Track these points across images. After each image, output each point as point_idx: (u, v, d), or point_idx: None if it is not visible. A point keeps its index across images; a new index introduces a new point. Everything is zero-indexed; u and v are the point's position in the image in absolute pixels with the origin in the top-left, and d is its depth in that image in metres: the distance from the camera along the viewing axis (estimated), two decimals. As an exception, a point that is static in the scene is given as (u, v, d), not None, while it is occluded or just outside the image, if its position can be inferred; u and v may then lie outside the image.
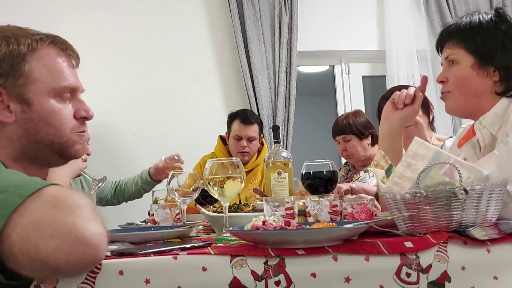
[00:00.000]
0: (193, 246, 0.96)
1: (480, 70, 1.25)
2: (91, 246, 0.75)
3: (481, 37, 1.25)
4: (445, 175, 0.96)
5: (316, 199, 1.22)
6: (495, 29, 1.25)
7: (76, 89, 1.04)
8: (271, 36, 3.42)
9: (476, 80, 1.25)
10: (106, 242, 0.79)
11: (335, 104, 3.82)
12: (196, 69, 3.41)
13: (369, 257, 0.89)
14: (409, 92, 1.37)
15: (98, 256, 0.78)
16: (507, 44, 1.23)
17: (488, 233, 0.93)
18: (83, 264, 0.77)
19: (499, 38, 1.24)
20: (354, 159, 2.50)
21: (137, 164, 3.12)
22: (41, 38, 1.00)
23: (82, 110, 1.04)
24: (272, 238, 0.91)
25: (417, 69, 3.57)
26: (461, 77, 1.27)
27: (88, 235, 0.75)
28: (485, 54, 1.24)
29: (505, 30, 1.25)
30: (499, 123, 1.22)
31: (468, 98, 1.27)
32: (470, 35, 1.26)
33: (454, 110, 1.33)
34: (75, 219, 0.76)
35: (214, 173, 1.18)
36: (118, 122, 3.09)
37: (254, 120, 2.79)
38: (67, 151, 1.03)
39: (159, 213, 1.48)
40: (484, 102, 1.26)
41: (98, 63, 3.21)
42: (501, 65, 1.23)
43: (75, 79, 1.04)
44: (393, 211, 1.02)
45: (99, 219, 0.80)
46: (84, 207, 0.79)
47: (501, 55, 1.23)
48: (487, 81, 1.25)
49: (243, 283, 0.85)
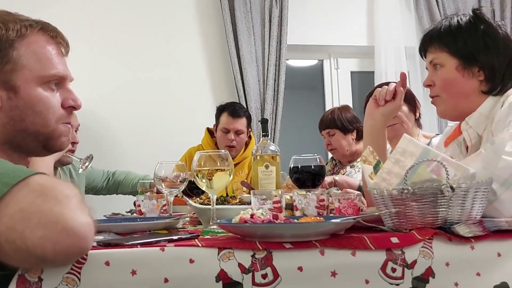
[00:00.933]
0: (181, 238, 0.95)
1: (465, 71, 1.26)
2: (78, 236, 0.74)
3: (462, 39, 1.27)
4: (432, 172, 0.97)
5: (303, 193, 1.23)
6: (474, 29, 1.27)
7: (64, 78, 1.02)
8: (261, 29, 3.41)
9: (462, 82, 1.27)
10: (93, 232, 0.78)
11: (323, 98, 3.83)
12: (185, 60, 3.39)
13: (356, 252, 0.90)
14: (389, 88, 1.39)
15: (85, 246, 0.77)
16: (488, 43, 1.25)
17: (473, 230, 0.95)
18: (70, 254, 0.76)
19: (479, 38, 1.26)
20: (339, 153, 2.52)
21: (125, 155, 3.11)
22: (30, 25, 0.98)
23: (70, 99, 1.02)
24: (260, 232, 0.91)
25: (405, 66, 3.59)
26: (447, 80, 1.29)
27: (75, 225, 0.74)
28: (468, 55, 1.26)
29: (484, 29, 1.26)
30: (484, 123, 1.24)
31: (456, 100, 1.29)
32: (451, 38, 1.28)
33: (445, 114, 1.35)
34: (63, 209, 0.75)
35: (203, 165, 1.18)
36: (106, 113, 3.06)
37: (242, 113, 2.78)
38: (52, 143, 1.00)
39: (146, 204, 1.47)
40: (473, 103, 1.27)
41: (87, 53, 3.16)
42: (485, 65, 1.25)
43: (64, 67, 1.02)
44: (380, 207, 1.03)
45: (86, 209, 0.79)
46: (72, 197, 0.77)
47: (484, 54, 1.25)
48: (473, 81, 1.26)
49: (230, 276, 0.85)
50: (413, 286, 0.90)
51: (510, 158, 1.04)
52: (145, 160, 2.32)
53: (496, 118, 1.20)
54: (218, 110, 2.83)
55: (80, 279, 0.79)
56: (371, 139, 1.40)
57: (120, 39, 3.28)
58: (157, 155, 1.95)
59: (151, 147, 3.15)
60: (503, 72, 1.25)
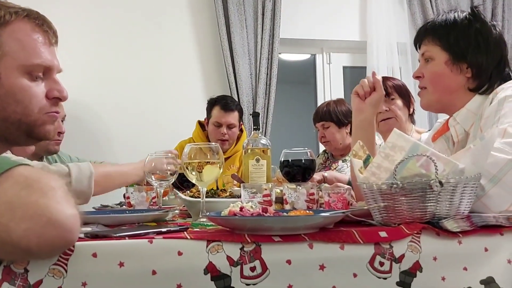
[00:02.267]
0: (169, 230, 0.95)
1: (453, 66, 1.28)
2: (64, 228, 0.74)
3: (455, 35, 1.29)
4: (422, 167, 0.97)
5: (293, 187, 1.23)
6: (468, 27, 1.29)
7: (50, 68, 0.99)
8: (253, 22, 3.39)
9: (450, 77, 1.29)
10: (79, 224, 0.77)
11: (315, 93, 3.83)
12: (177, 53, 3.36)
13: (344, 246, 0.90)
14: (369, 80, 1.42)
15: (71, 238, 0.76)
16: (480, 42, 1.27)
17: (460, 225, 0.95)
18: (56, 247, 0.75)
19: (472, 36, 1.28)
20: (332, 146, 2.52)
21: (115, 147, 3.09)
22: (16, 12, 0.95)
23: (55, 90, 0.99)
24: (249, 224, 0.91)
25: (397, 62, 3.60)
26: (435, 73, 1.31)
27: (61, 217, 0.73)
28: (458, 51, 1.28)
29: (478, 28, 1.28)
30: (472, 120, 1.26)
31: (441, 94, 1.32)
32: (445, 32, 1.30)
33: (428, 106, 1.38)
34: (48, 201, 0.74)
35: (193, 157, 1.17)
36: (96, 105, 3.04)
37: (234, 107, 2.77)
38: (36, 131, 0.98)
39: (135, 196, 1.46)
40: (457, 99, 1.30)
41: (78, 45, 3.13)
42: (473, 63, 1.27)
43: (51, 57, 0.99)
44: (369, 201, 1.03)
45: (72, 200, 0.78)
46: (57, 188, 0.76)
47: (474, 53, 1.27)
48: (460, 77, 1.28)
49: (218, 268, 0.85)
50: (401, 280, 0.91)
51: (498, 154, 1.04)
52: (135, 152, 2.30)
53: (485, 114, 1.21)
54: (210, 103, 2.82)
55: (67, 270, 0.79)
56: (361, 133, 1.41)
57: (111, 31, 3.25)
58: (147, 148, 1.94)
59: (141, 140, 3.14)
60: (490, 71, 1.27)
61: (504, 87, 1.23)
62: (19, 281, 0.76)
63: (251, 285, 0.86)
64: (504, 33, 3.68)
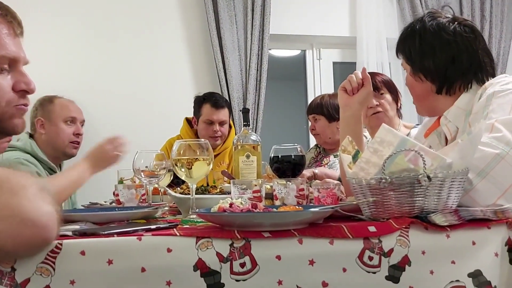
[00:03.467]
0: (158, 227, 0.94)
1: (415, 76, 1.33)
2: (39, 226, 0.72)
3: (407, 46, 1.34)
4: (410, 162, 0.98)
5: (283, 183, 1.23)
6: (413, 37, 1.33)
7: (16, 60, 0.97)
8: (243, 18, 3.38)
9: (417, 86, 1.34)
10: (55, 220, 0.75)
11: (305, 89, 3.83)
12: (166, 48, 3.34)
13: (334, 241, 0.91)
14: (357, 76, 1.44)
15: (48, 236, 0.74)
16: (424, 48, 1.31)
17: (448, 219, 0.96)
18: (33, 246, 0.74)
19: (417, 45, 1.31)
20: (321, 140, 2.53)
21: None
22: None
23: (22, 82, 0.97)
24: (239, 221, 0.90)
25: (386, 57, 3.62)
26: (408, 84, 1.38)
27: (34, 215, 0.71)
28: (413, 61, 1.33)
29: (420, 35, 1.31)
30: (462, 116, 1.27)
31: (419, 102, 1.38)
32: (401, 45, 1.37)
33: (419, 113, 1.44)
34: (20, 200, 0.71)
35: (182, 154, 1.17)
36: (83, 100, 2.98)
37: (224, 104, 2.76)
38: (4, 125, 0.96)
39: (124, 194, 1.45)
40: (434, 102, 1.33)
41: (66, 39, 3.10)
42: (423, 69, 1.31)
43: (16, 49, 0.96)
44: (358, 196, 1.04)
45: (47, 197, 0.76)
46: (29, 186, 0.74)
47: (421, 60, 1.31)
48: (424, 84, 1.33)
49: (208, 265, 0.85)
50: (390, 274, 0.92)
51: (486, 149, 1.05)
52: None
53: (474, 110, 1.22)
54: (198, 101, 2.79)
55: (55, 268, 0.78)
56: (349, 129, 1.42)
57: (100, 26, 3.22)
58: (137, 144, 1.93)
59: (131, 136, 3.10)
60: (443, 71, 1.29)
61: (492, 82, 1.24)
62: (6, 280, 0.75)
63: (241, 281, 0.86)
64: (491, 27, 3.71)
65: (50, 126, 2.31)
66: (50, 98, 2.37)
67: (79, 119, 2.40)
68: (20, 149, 2.18)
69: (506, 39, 3.76)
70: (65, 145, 2.31)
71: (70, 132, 2.33)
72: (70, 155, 2.36)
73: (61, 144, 2.31)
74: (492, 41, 3.69)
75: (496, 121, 1.10)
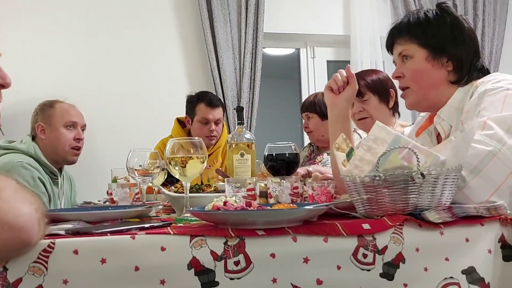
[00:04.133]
0: (152, 225, 0.94)
1: (434, 61, 1.30)
2: (16, 229, 0.70)
3: (431, 31, 1.31)
4: (403, 159, 0.98)
5: (277, 181, 1.23)
6: (442, 22, 1.31)
7: None
8: (237, 16, 3.37)
9: (432, 72, 1.31)
10: (34, 221, 0.74)
11: (300, 87, 3.83)
12: (160, 47, 3.33)
13: (328, 238, 0.91)
14: (341, 74, 1.43)
15: (26, 237, 0.73)
16: (456, 35, 1.30)
17: (442, 216, 0.97)
18: (12, 249, 0.72)
19: (448, 30, 1.30)
20: (314, 137, 2.54)
21: (96, 143, 3.05)
22: None
23: None
24: (233, 219, 0.90)
25: (380, 56, 3.62)
26: (417, 70, 1.32)
27: (10, 218, 0.70)
28: (437, 46, 1.30)
29: (452, 22, 1.31)
30: (456, 114, 1.27)
31: (426, 91, 1.33)
32: (421, 30, 1.32)
33: (413, 105, 1.38)
34: None
35: (176, 152, 1.16)
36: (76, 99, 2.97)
37: (218, 103, 2.76)
38: None
39: (118, 192, 1.44)
40: (442, 93, 1.31)
41: (59, 37, 3.08)
42: (453, 56, 1.30)
43: None
44: (352, 194, 1.04)
45: (25, 197, 0.74)
46: (4, 188, 0.73)
47: (452, 46, 1.29)
48: (441, 71, 1.31)
49: (202, 263, 0.84)
50: (384, 271, 0.92)
51: (479, 146, 1.06)
52: (119, 147, 2.28)
53: (466, 108, 1.23)
54: (191, 101, 2.76)
55: (48, 268, 0.78)
56: (338, 127, 1.42)
57: (93, 24, 3.20)
58: (131, 143, 1.92)
59: (124, 136, 3.10)
60: (469, 62, 1.30)
61: (484, 80, 1.25)
62: (-2, 280, 0.75)
63: (235, 279, 0.85)
64: (484, 26, 3.73)
65: (51, 131, 2.29)
66: (51, 103, 2.35)
67: (80, 124, 2.38)
68: (23, 152, 2.16)
69: (498, 38, 3.78)
70: (66, 151, 2.29)
71: (71, 137, 2.31)
72: (70, 162, 2.34)
73: (62, 149, 2.29)
74: (485, 39, 3.71)
75: (488, 118, 1.11)
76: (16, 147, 2.15)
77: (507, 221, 1.00)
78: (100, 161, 2.95)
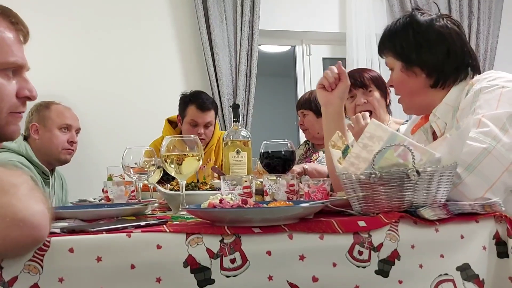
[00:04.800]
0: (148, 223, 0.94)
1: (408, 72, 1.32)
2: (30, 226, 0.71)
3: (398, 42, 1.33)
4: (399, 157, 0.98)
5: (273, 178, 1.23)
6: (405, 32, 1.32)
7: (22, 66, 0.98)
8: (233, 13, 3.36)
9: (409, 81, 1.33)
10: (47, 220, 0.75)
11: (295, 85, 3.84)
12: (155, 44, 3.32)
13: (324, 236, 0.91)
14: (333, 71, 1.43)
15: (39, 235, 0.74)
16: (420, 41, 1.30)
17: (437, 214, 0.97)
18: (24, 246, 0.73)
19: (411, 39, 1.31)
20: (310, 135, 2.54)
21: (92, 141, 3.04)
22: None
23: (26, 89, 0.98)
24: (229, 216, 0.90)
25: (375, 53, 3.61)
26: (397, 81, 1.36)
27: (25, 215, 0.71)
28: (405, 57, 1.31)
29: (414, 29, 1.31)
30: (451, 112, 1.28)
31: (411, 98, 1.36)
32: (390, 42, 1.35)
33: (407, 110, 1.42)
34: (10, 199, 0.70)
35: (171, 150, 1.16)
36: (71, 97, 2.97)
37: (210, 105, 2.66)
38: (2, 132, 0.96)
39: (113, 190, 1.44)
40: (427, 97, 1.33)
41: (54, 35, 3.06)
42: (421, 63, 1.30)
43: (22, 55, 0.98)
44: (348, 191, 1.04)
45: (38, 196, 0.75)
46: (20, 185, 0.73)
47: (418, 53, 1.30)
48: (418, 79, 1.32)
49: (198, 261, 0.84)
50: (379, 268, 0.92)
51: (474, 143, 1.06)
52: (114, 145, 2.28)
53: (461, 106, 1.23)
54: (183, 101, 2.67)
55: (43, 266, 0.77)
56: (333, 125, 1.43)
57: (88, 22, 3.18)
58: (126, 141, 1.92)
59: (120, 133, 3.10)
60: (441, 65, 1.29)
61: (479, 78, 1.25)
62: (-7, 278, 0.74)
63: (232, 277, 0.85)
64: (479, 24, 3.74)
65: (45, 132, 2.28)
66: (47, 104, 2.33)
67: (74, 127, 2.37)
68: (14, 151, 2.15)
69: (493, 36, 3.79)
70: (58, 152, 2.28)
71: (64, 140, 2.30)
72: (63, 162, 2.33)
73: (54, 150, 2.28)
74: (480, 37, 3.72)
75: (483, 116, 1.11)
76: (7, 146, 2.14)
77: (501, 218, 1.01)
78: (95, 159, 2.95)
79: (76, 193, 2.50)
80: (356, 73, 2.11)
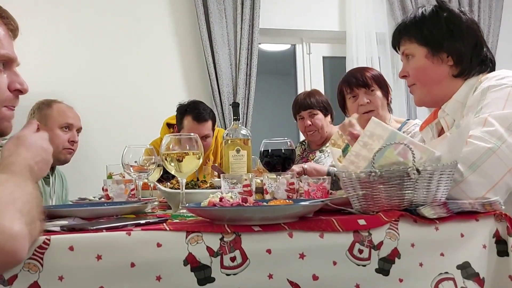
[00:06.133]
0: (148, 222, 0.94)
1: (434, 58, 1.31)
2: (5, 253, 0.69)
3: (427, 28, 1.32)
4: (399, 155, 0.98)
5: (273, 177, 1.23)
6: (437, 18, 1.32)
7: (12, 60, 0.98)
8: (233, 12, 3.36)
9: (433, 68, 1.32)
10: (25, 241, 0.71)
11: (295, 83, 3.83)
12: (155, 43, 3.32)
13: (324, 234, 0.91)
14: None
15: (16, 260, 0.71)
16: (452, 29, 1.30)
17: (437, 212, 0.97)
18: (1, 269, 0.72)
19: (443, 26, 1.31)
20: (318, 135, 2.49)
21: (91, 140, 3.04)
22: None
23: (17, 82, 0.98)
24: (229, 215, 0.90)
25: (376, 52, 3.63)
26: (419, 68, 1.34)
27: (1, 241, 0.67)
28: (434, 43, 1.31)
29: (447, 17, 1.32)
30: (460, 109, 1.28)
31: (430, 87, 1.34)
32: (417, 28, 1.34)
33: (421, 101, 1.39)
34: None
35: (171, 148, 1.16)
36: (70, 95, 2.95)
37: (207, 116, 2.53)
38: None
39: (113, 189, 1.44)
40: (446, 88, 1.32)
41: (52, 33, 3.06)
42: (451, 50, 1.30)
43: (12, 49, 0.99)
44: (348, 190, 1.04)
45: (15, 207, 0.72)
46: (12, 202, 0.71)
47: (449, 40, 1.30)
48: (443, 67, 1.31)
49: (198, 259, 0.84)
50: (380, 267, 0.92)
51: (478, 143, 1.06)
52: (114, 144, 2.27)
53: (468, 103, 1.23)
54: (180, 111, 2.56)
55: (43, 264, 0.77)
56: None
57: (88, 20, 3.18)
58: (125, 140, 1.91)
59: (120, 132, 3.10)
60: (470, 55, 1.30)
61: (488, 76, 1.25)
62: (-7, 277, 0.74)
63: (232, 275, 0.85)
64: (480, 22, 3.73)
65: (46, 130, 2.26)
66: (49, 103, 2.31)
67: (76, 126, 2.35)
68: None
69: (494, 34, 3.79)
70: (59, 151, 2.27)
71: (65, 139, 2.29)
72: (63, 161, 2.31)
73: (55, 150, 2.26)
74: (480, 36, 3.72)
75: (489, 115, 1.11)
76: None
77: (501, 216, 1.01)
78: (95, 158, 2.95)
79: (76, 191, 2.50)
80: (358, 72, 2.10)
